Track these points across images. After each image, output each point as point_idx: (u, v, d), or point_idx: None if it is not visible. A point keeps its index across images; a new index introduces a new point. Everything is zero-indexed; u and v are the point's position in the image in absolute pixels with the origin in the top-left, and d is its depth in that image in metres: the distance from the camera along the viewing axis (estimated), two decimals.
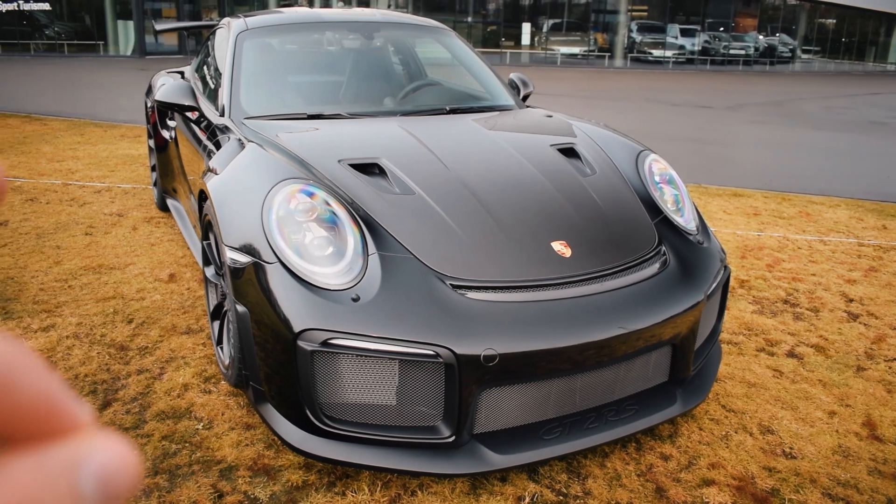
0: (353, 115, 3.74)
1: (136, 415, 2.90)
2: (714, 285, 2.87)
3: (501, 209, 2.79)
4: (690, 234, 3.07)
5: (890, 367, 3.50)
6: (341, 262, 2.45)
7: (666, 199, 3.20)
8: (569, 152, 3.35)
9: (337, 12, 4.71)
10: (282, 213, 2.55)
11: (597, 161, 3.30)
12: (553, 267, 2.58)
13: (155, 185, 5.84)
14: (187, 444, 2.71)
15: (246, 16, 4.41)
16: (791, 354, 3.61)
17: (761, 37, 36.38)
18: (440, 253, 2.53)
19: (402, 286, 2.40)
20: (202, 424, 2.85)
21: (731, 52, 35.24)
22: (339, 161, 2.96)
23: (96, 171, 7.31)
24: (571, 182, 3.08)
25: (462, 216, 2.71)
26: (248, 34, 4.12)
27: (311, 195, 2.62)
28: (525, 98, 4.53)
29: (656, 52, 34.60)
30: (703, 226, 3.23)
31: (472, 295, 2.41)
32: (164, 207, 5.67)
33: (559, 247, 2.65)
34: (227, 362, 2.93)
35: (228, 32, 4.19)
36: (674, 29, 34.97)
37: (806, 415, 3.06)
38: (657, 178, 3.30)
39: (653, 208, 3.11)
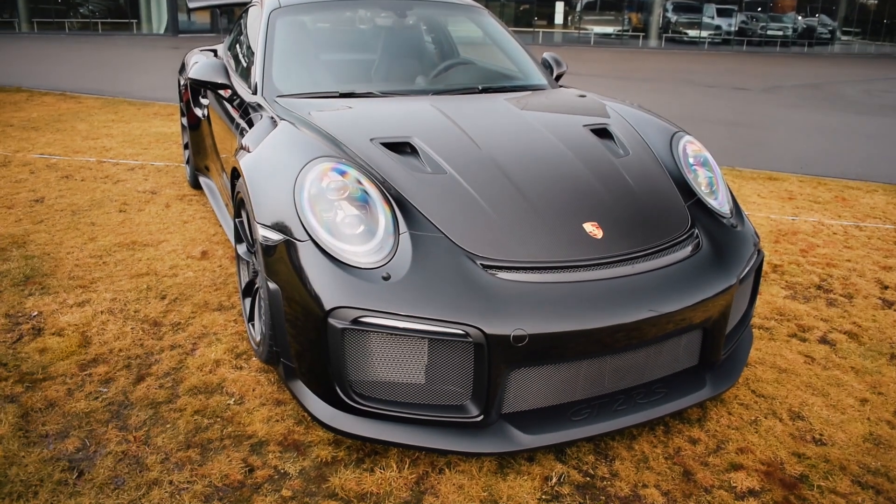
0: (385, 94, 3.73)
1: (168, 389, 2.94)
2: (747, 269, 2.83)
3: (533, 189, 2.77)
4: (724, 218, 3.03)
5: None
6: (372, 241, 2.46)
7: (700, 182, 3.16)
8: (602, 133, 3.32)
9: None
10: (314, 191, 2.56)
11: (630, 142, 3.27)
12: (584, 248, 2.56)
13: (187, 162, 5.89)
14: (219, 419, 2.75)
15: None
16: (823, 340, 3.57)
17: (800, 17, 35.69)
18: (471, 232, 2.53)
19: (432, 265, 2.40)
20: (233, 400, 2.88)
21: (769, 32, 34.64)
22: (370, 140, 2.96)
23: (130, 149, 7.40)
24: (604, 163, 3.05)
25: (493, 196, 2.70)
26: (281, 12, 4.12)
27: (342, 174, 2.63)
28: (558, 78, 4.49)
29: (692, 33, 34.12)
30: (736, 209, 3.19)
31: (502, 275, 2.41)
32: (196, 185, 5.72)
33: (590, 228, 2.64)
34: (258, 339, 2.96)
35: (261, 10, 4.20)
36: (710, 9, 34.44)
37: (837, 402, 3.02)
38: (691, 160, 3.26)
39: (686, 190, 3.07)
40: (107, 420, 2.73)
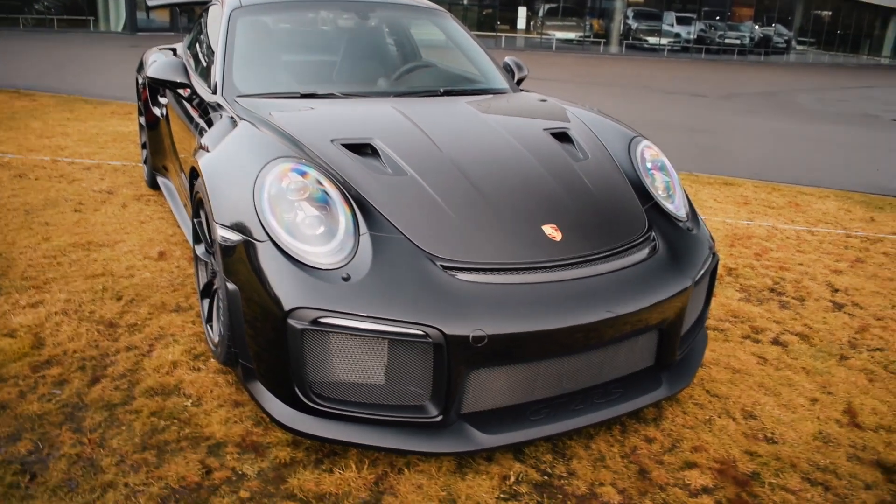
0: (346, 96, 3.73)
1: (124, 391, 2.91)
2: (702, 272, 2.89)
3: (493, 192, 2.79)
4: (680, 221, 3.09)
5: (872, 357, 3.54)
6: (332, 242, 2.46)
7: (657, 186, 3.21)
8: (562, 137, 3.36)
9: None
10: (273, 191, 2.55)
11: (589, 146, 3.31)
12: (543, 250, 2.59)
13: (145, 162, 5.82)
14: (176, 421, 2.72)
15: None
16: (776, 342, 3.65)
17: (757, 27, 36.42)
18: (431, 234, 2.54)
19: (392, 266, 2.41)
20: (191, 401, 2.86)
21: (727, 41, 35.27)
22: (331, 141, 2.96)
23: (86, 148, 7.28)
24: (564, 166, 3.09)
25: (454, 198, 2.71)
26: (242, 11, 4.09)
27: (303, 174, 2.62)
28: (519, 82, 4.52)
29: (652, 40, 34.62)
30: (693, 213, 3.24)
31: (462, 276, 2.42)
32: (154, 185, 5.65)
33: (550, 230, 2.67)
34: (216, 340, 2.94)
35: (222, 9, 4.17)
36: (670, 17, 35.00)
37: (788, 401, 3.09)
38: (649, 165, 3.31)
39: (644, 194, 3.12)
40: (60, 422, 2.68)
